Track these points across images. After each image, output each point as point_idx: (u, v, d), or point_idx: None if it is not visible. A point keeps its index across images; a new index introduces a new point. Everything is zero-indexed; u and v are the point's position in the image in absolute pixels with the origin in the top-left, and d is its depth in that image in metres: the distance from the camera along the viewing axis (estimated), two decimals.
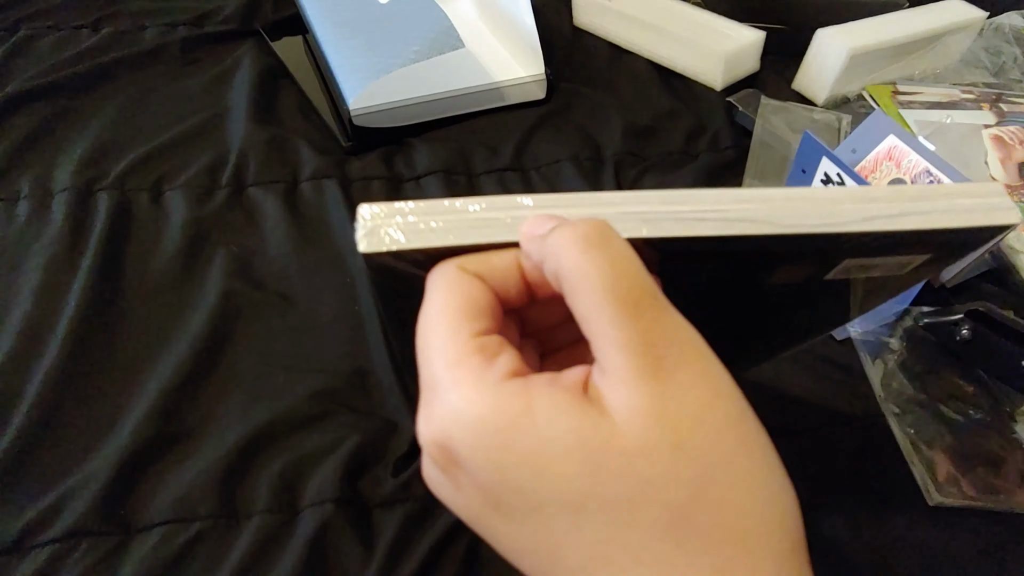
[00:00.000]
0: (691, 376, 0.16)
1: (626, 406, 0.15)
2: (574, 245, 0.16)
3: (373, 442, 0.38)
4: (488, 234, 0.18)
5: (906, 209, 0.19)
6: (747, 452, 0.16)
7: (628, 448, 0.15)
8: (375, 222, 0.18)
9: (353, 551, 0.34)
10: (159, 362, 0.41)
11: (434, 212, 0.18)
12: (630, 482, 0.15)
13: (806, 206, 0.19)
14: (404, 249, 0.18)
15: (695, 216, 0.18)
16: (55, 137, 0.55)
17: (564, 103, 0.61)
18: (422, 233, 0.18)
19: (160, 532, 0.34)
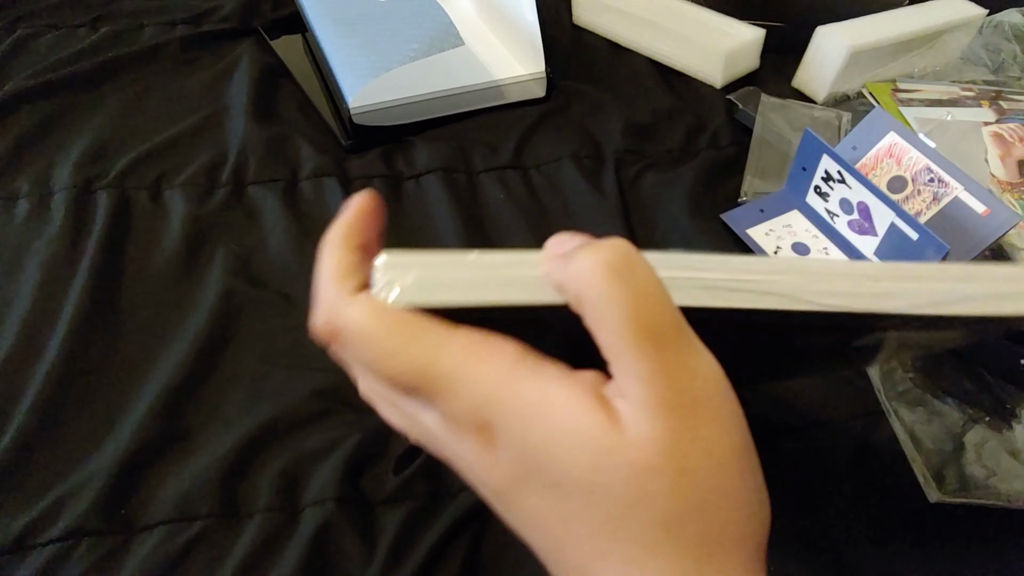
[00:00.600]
0: (708, 412, 0.17)
1: (640, 431, 0.16)
2: (598, 273, 0.16)
3: (374, 440, 0.38)
4: (510, 293, 0.17)
5: (949, 294, 0.18)
6: (742, 480, 0.18)
7: (636, 462, 0.16)
8: (390, 275, 0.18)
9: (355, 550, 0.34)
10: (160, 361, 0.41)
11: (454, 266, 0.18)
12: (632, 489, 0.16)
13: (843, 282, 0.18)
14: (421, 306, 0.18)
15: (725, 286, 0.17)
16: (54, 136, 0.54)
17: (564, 101, 0.61)
18: (439, 288, 0.17)
19: (161, 531, 0.34)
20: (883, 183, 0.48)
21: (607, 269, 0.16)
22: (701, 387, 0.17)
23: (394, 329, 0.18)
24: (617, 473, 0.16)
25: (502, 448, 0.18)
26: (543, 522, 0.18)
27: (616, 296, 0.16)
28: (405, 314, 0.18)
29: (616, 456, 0.16)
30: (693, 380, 0.16)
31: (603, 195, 0.53)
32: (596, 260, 0.16)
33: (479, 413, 0.18)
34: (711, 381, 0.17)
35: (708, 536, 0.17)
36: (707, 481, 0.17)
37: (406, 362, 0.18)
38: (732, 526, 0.17)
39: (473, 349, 0.18)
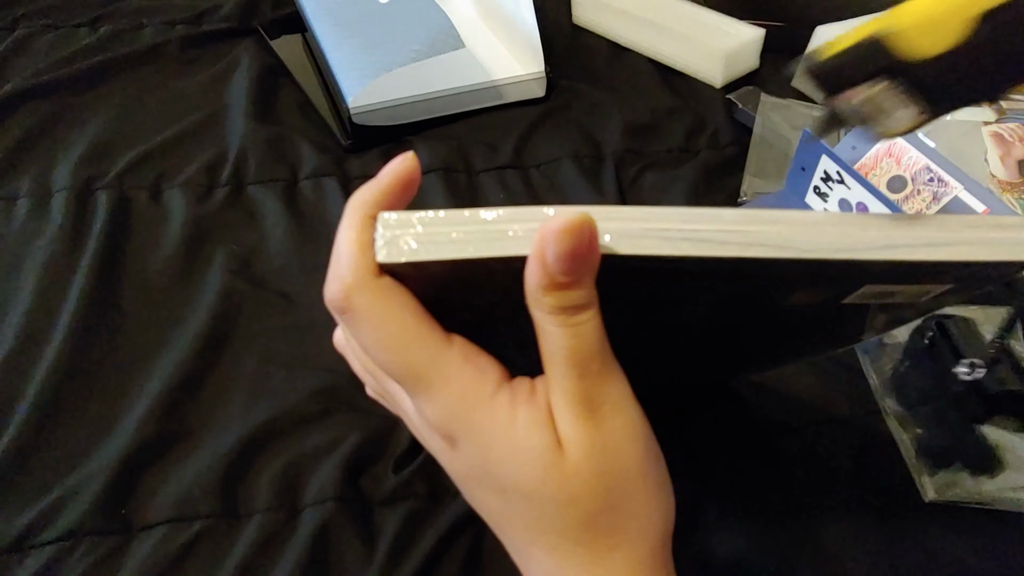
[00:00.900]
0: (618, 423, 0.20)
1: (568, 438, 0.20)
2: (560, 312, 0.19)
3: (374, 440, 0.38)
4: (506, 247, 0.18)
5: (932, 239, 0.18)
6: (645, 478, 0.21)
7: (568, 471, 0.20)
8: (393, 231, 0.18)
9: (355, 549, 0.34)
10: (159, 361, 0.41)
11: (453, 223, 0.18)
12: (564, 493, 0.20)
13: (831, 231, 0.18)
14: (422, 260, 0.18)
15: (717, 238, 0.18)
16: (54, 136, 0.55)
17: (564, 101, 0.61)
18: (441, 245, 0.18)
19: (161, 531, 0.34)
20: (882, 183, 0.48)
21: (566, 311, 0.19)
22: (611, 404, 0.20)
23: (399, 328, 0.19)
24: (555, 482, 0.20)
25: (462, 454, 0.21)
26: (488, 510, 0.22)
27: (567, 337, 0.19)
28: (413, 317, 0.19)
29: (555, 468, 0.20)
30: (606, 400, 0.20)
31: (603, 195, 0.53)
32: (560, 301, 0.18)
33: (448, 424, 0.20)
34: (620, 399, 0.20)
35: (617, 527, 0.21)
36: (618, 480, 0.20)
37: (401, 361, 0.20)
38: (636, 520, 0.21)
39: (462, 369, 0.20)
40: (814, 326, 0.27)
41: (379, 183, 0.21)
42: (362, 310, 0.19)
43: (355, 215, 0.20)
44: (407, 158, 0.22)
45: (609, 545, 0.21)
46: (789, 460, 0.39)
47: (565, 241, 0.17)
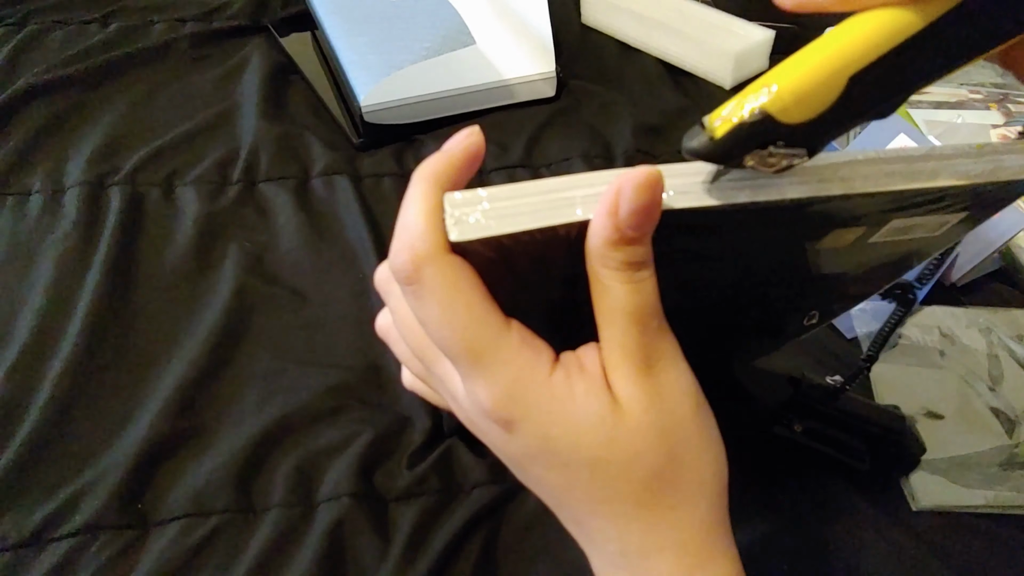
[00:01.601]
0: (671, 379, 0.21)
1: (627, 395, 0.20)
2: (626, 268, 0.19)
3: (388, 436, 0.38)
4: (571, 213, 0.18)
5: (943, 165, 0.21)
6: (700, 432, 0.22)
7: (630, 427, 0.20)
8: (462, 210, 0.18)
9: (370, 545, 0.34)
10: (174, 357, 0.41)
11: (519, 195, 0.18)
12: (628, 452, 0.20)
13: (868, 169, 0.20)
14: (492, 236, 0.18)
15: (762, 183, 0.19)
16: (66, 132, 0.55)
17: (574, 101, 0.61)
18: (510, 217, 0.18)
19: (177, 526, 0.34)
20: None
21: (629, 270, 0.19)
22: (666, 361, 0.21)
23: (465, 305, 0.19)
24: (618, 442, 0.20)
25: (520, 436, 0.21)
26: (549, 487, 0.22)
27: (629, 295, 0.19)
28: (479, 295, 0.20)
29: (617, 429, 0.20)
30: (661, 357, 0.21)
31: None
32: (623, 260, 0.19)
33: (506, 407, 0.20)
34: (673, 357, 0.21)
35: (677, 484, 0.21)
36: (676, 435, 0.21)
37: (463, 338, 0.20)
38: (695, 474, 0.21)
39: (521, 352, 0.20)
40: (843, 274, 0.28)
41: (447, 156, 0.21)
42: (431, 282, 0.19)
43: (424, 186, 0.20)
44: (474, 131, 0.21)
45: (671, 504, 0.21)
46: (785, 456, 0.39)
47: (642, 195, 0.18)
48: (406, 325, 0.23)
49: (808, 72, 0.17)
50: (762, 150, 0.18)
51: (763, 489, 0.37)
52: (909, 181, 0.20)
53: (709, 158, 0.18)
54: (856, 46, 0.17)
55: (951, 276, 0.48)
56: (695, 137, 0.18)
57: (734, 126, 0.18)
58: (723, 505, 0.22)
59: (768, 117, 0.17)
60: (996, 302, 0.48)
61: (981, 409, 0.42)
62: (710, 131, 0.18)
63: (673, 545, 0.21)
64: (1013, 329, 0.46)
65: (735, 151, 0.18)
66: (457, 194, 0.19)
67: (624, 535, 0.21)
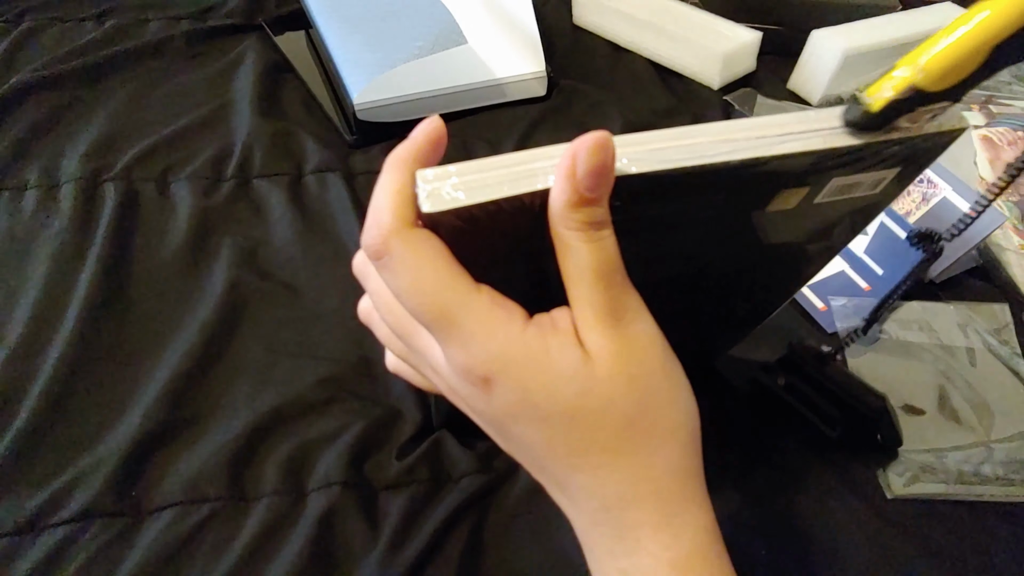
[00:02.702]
0: (638, 330, 0.22)
1: (598, 346, 0.21)
2: (587, 228, 0.20)
3: (378, 427, 0.39)
4: (535, 183, 0.20)
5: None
6: (669, 381, 0.23)
7: (601, 377, 0.21)
8: (433, 184, 0.19)
9: (359, 532, 0.35)
10: (168, 349, 0.42)
11: (486, 168, 0.20)
12: (602, 400, 0.21)
13: (798, 127, 0.22)
14: (463, 206, 0.19)
15: (710, 150, 0.21)
16: (61, 128, 0.55)
17: (564, 100, 0.62)
18: (478, 189, 0.19)
19: (171, 513, 0.35)
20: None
21: (591, 229, 0.20)
22: (632, 314, 0.22)
23: (433, 271, 0.20)
24: (593, 392, 0.21)
25: (499, 393, 0.22)
26: (529, 445, 0.23)
27: (592, 252, 0.21)
28: (445, 262, 0.21)
29: (591, 379, 0.21)
30: (627, 310, 0.22)
31: None
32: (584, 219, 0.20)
33: (484, 365, 0.21)
34: (638, 310, 0.22)
35: (652, 431, 0.22)
36: (647, 383, 0.22)
37: (434, 303, 0.21)
38: (667, 418, 0.23)
39: (492, 311, 0.21)
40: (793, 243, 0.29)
41: (411, 141, 0.22)
42: (399, 254, 0.20)
43: (392, 170, 0.21)
44: (434, 119, 0.23)
45: (646, 452, 0.22)
46: (767, 450, 0.40)
47: (595, 155, 0.19)
48: (383, 302, 0.24)
49: (954, 48, 0.19)
50: (911, 112, 0.21)
51: (742, 475, 0.38)
52: (825, 142, 0.21)
53: (867, 128, 0.21)
54: (1001, 20, 0.19)
55: (930, 273, 0.49)
56: (853, 111, 0.21)
57: (888, 101, 0.20)
58: (696, 452, 0.24)
59: (918, 91, 0.20)
60: (974, 298, 0.49)
61: (959, 403, 0.43)
62: (867, 106, 0.21)
63: (650, 494, 0.22)
64: (991, 324, 0.47)
65: (888, 119, 0.21)
66: (429, 171, 0.20)
67: (604, 486, 0.22)
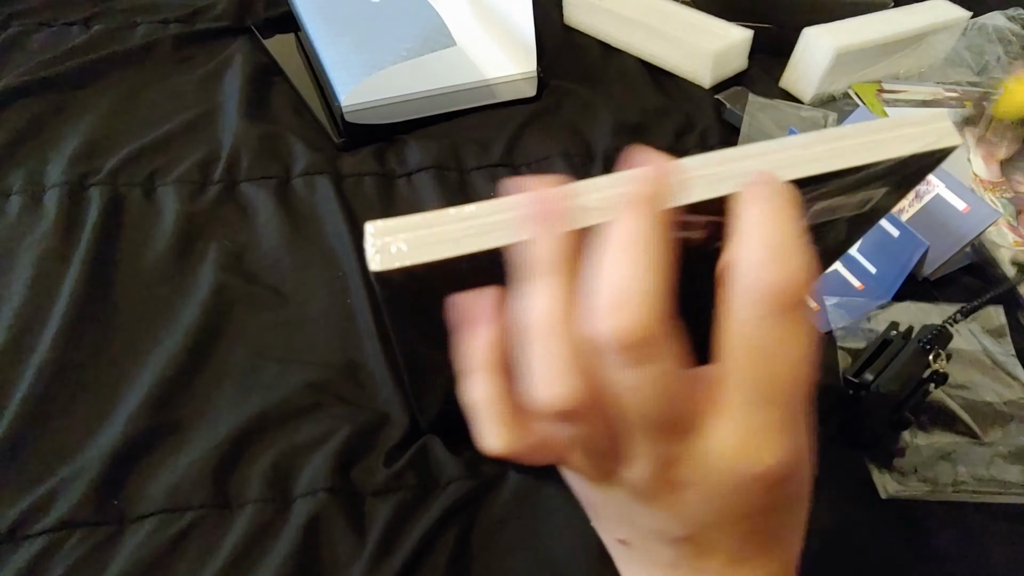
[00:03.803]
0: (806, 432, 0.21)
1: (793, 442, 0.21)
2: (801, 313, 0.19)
3: (365, 433, 0.38)
4: (495, 239, 0.18)
5: (865, 141, 0.21)
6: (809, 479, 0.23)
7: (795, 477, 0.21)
8: (383, 239, 0.18)
9: (345, 540, 0.34)
10: (152, 354, 0.41)
11: (438, 223, 0.18)
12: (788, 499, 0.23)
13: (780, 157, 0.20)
14: (415, 264, 0.18)
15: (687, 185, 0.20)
16: (47, 133, 0.55)
17: (555, 100, 0.62)
18: (430, 245, 0.18)
19: (153, 522, 0.35)
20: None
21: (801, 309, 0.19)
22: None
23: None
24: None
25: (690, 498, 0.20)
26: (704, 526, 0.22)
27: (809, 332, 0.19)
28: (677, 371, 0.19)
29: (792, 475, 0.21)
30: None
31: None
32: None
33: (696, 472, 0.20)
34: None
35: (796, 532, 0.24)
36: (806, 488, 0.23)
37: (676, 406, 0.19)
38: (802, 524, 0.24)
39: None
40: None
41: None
42: (663, 349, 0.18)
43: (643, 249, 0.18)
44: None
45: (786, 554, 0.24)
46: None
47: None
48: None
49: None
50: None
51: None
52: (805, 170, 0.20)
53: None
54: None
55: (924, 271, 0.48)
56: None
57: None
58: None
59: None
60: (969, 296, 0.48)
61: (953, 405, 0.42)
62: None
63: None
64: (985, 323, 0.47)
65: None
66: (379, 222, 0.18)
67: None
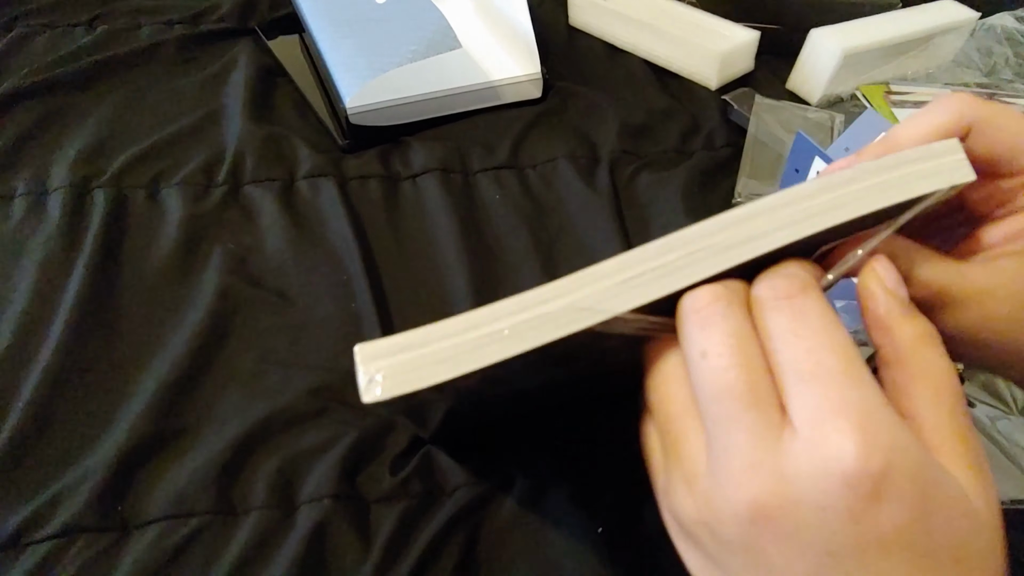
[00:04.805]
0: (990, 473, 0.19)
1: (976, 486, 0.18)
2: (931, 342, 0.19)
3: (371, 439, 0.38)
4: (488, 354, 0.18)
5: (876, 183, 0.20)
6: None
7: (985, 522, 0.18)
8: (373, 366, 0.18)
9: (351, 547, 0.34)
10: (156, 359, 0.41)
11: (430, 339, 0.18)
12: (985, 548, 0.18)
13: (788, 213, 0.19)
14: (400, 395, 0.18)
15: (689, 261, 0.19)
16: (51, 135, 0.55)
17: (560, 102, 0.62)
18: (415, 372, 0.18)
19: (157, 528, 0.34)
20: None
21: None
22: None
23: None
24: (980, 535, 0.18)
25: (888, 510, 0.16)
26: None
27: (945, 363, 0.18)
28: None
29: (979, 521, 0.18)
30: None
31: (598, 195, 0.53)
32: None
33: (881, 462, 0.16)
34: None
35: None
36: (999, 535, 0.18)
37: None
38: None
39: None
40: None
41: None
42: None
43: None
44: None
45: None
46: None
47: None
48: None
49: None
50: None
51: None
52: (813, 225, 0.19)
53: None
54: None
55: None
56: None
57: None
58: None
59: None
60: None
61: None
62: None
63: None
64: None
65: None
66: (367, 346, 0.18)
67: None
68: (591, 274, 0.19)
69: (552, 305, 0.18)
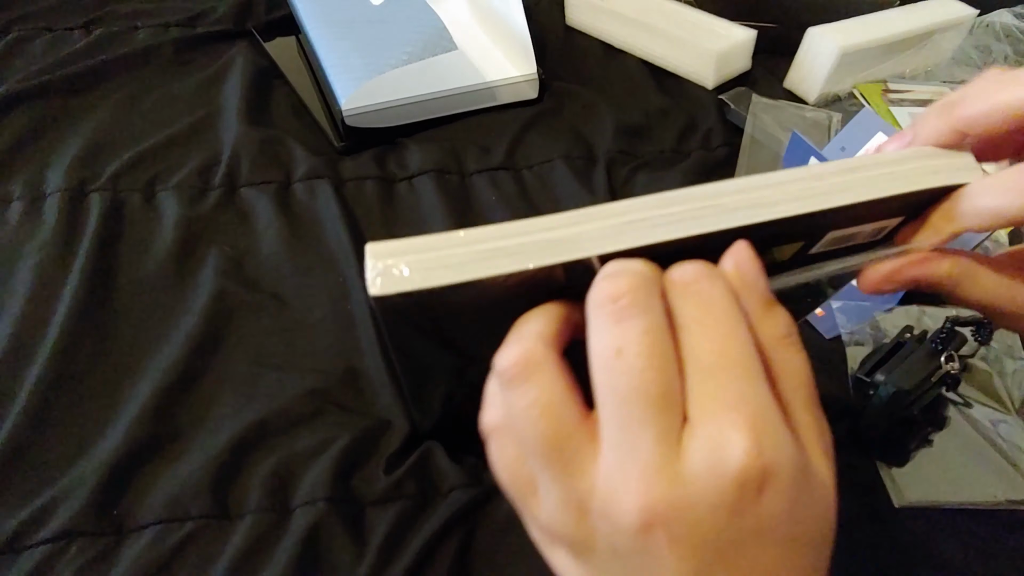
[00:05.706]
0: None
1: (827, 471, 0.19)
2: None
3: (365, 440, 0.38)
4: (500, 265, 0.18)
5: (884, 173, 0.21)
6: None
7: (833, 504, 0.19)
8: (384, 261, 0.18)
9: (345, 550, 0.34)
10: (151, 362, 0.41)
11: (444, 246, 0.18)
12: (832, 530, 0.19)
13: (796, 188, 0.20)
14: (417, 289, 0.17)
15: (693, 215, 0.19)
16: (47, 138, 0.55)
17: (556, 102, 0.62)
18: (433, 271, 0.18)
19: (153, 532, 0.34)
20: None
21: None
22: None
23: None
24: (831, 519, 0.19)
25: (768, 502, 0.17)
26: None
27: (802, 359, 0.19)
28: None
29: (832, 506, 0.19)
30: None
31: (594, 195, 0.53)
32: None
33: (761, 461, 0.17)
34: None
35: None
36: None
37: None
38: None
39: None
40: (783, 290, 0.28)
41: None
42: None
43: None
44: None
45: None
46: None
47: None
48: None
49: None
50: None
51: None
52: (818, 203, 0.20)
53: None
54: None
55: None
56: None
57: None
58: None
59: None
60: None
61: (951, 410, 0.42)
62: None
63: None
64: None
65: None
66: (379, 244, 0.18)
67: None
68: (599, 211, 0.19)
69: (556, 233, 0.19)
